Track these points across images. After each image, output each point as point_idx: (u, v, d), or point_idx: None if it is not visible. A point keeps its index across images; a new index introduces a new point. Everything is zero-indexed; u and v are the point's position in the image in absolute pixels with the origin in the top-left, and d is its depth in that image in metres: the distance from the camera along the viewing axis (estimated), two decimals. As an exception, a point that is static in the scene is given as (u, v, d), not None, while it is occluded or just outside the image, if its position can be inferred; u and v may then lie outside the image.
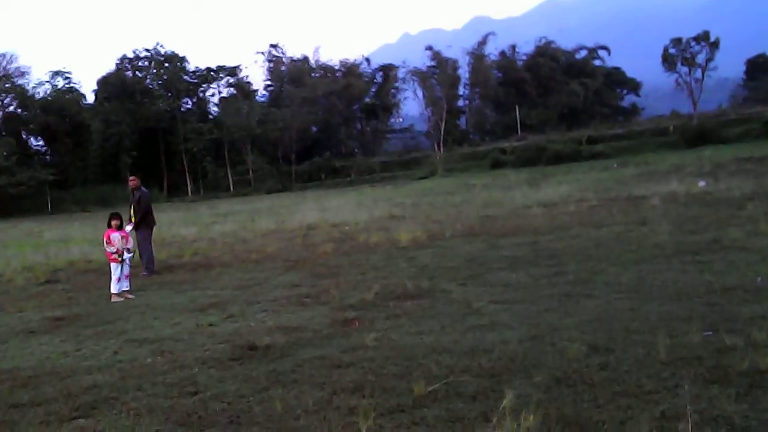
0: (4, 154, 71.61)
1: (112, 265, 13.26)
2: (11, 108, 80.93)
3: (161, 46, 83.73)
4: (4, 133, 77.48)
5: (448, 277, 11.92)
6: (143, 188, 17.03)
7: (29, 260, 21.20)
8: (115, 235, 13.39)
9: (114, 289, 13.11)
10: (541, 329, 7.78)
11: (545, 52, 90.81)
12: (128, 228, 15.54)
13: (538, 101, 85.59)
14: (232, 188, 76.97)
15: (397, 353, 7.30)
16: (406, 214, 25.73)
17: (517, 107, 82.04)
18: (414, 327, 8.45)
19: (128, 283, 13.40)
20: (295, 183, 74.13)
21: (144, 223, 16.44)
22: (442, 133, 71.82)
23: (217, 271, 15.66)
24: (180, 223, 31.70)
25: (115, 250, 13.23)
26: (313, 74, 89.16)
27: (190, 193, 77.16)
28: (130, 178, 17.02)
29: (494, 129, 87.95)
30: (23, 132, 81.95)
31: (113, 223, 13.51)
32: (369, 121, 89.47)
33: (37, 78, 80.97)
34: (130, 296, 13.12)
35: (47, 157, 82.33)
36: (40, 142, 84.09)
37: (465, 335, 7.84)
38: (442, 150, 71.15)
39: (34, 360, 8.65)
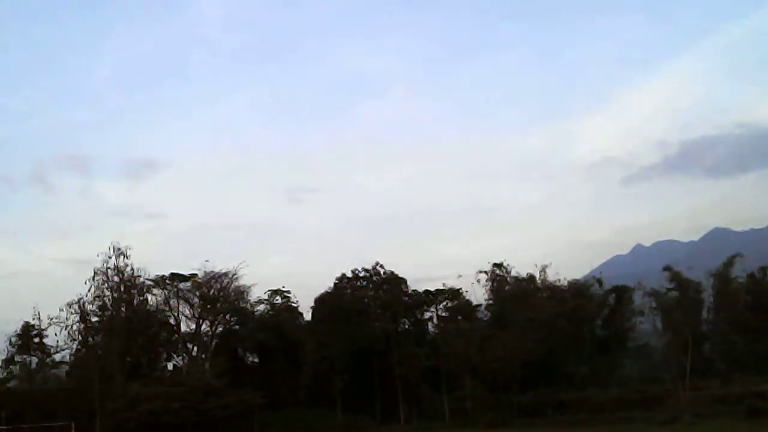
0: (218, 376, 71.18)
1: None
2: (230, 325, 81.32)
3: (381, 266, 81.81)
4: (220, 348, 77.96)
5: None
6: None
7: None
8: None
9: None
10: None
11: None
12: None
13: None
14: (448, 417, 71.90)
15: None
16: None
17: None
18: None
19: None
20: (518, 417, 68.21)
21: None
22: (688, 369, 63.33)
23: None
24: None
25: None
26: (539, 294, 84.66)
27: (402, 421, 72.71)
28: None
29: (742, 358, 78.29)
30: (239, 348, 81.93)
31: None
32: (601, 348, 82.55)
33: (257, 295, 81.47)
34: None
35: (259, 373, 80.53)
36: (255, 359, 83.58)
37: None
38: (686, 389, 62.62)
39: None
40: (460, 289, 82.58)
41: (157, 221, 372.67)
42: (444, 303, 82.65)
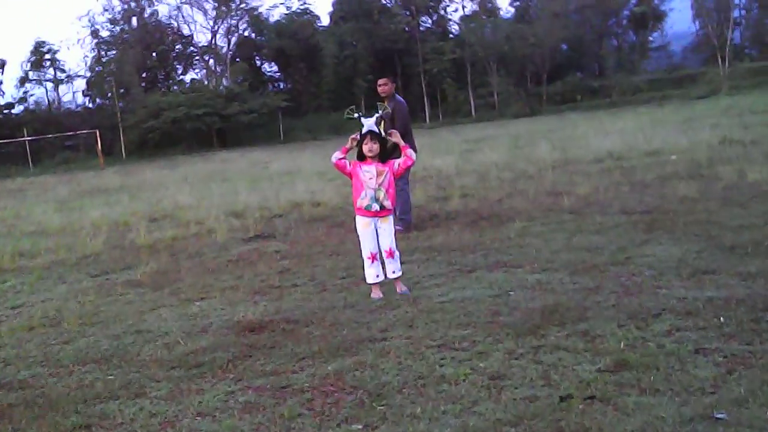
0: (238, 80, 69.65)
1: (360, 229, 6.97)
2: (246, 33, 78.11)
3: (401, -43, 77.76)
4: (237, 59, 75.34)
5: None
6: (398, 96, 10.87)
7: (244, 201, 16.01)
8: (369, 169, 6.83)
9: (369, 277, 6.89)
10: None
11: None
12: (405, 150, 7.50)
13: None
14: (474, 113, 70.56)
15: None
16: (745, 138, 17.83)
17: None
18: None
19: (397, 263, 6.95)
20: (546, 105, 66.95)
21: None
22: (728, 43, 60.89)
23: (518, 228, 9.44)
24: (428, 151, 25.00)
25: (365, 203, 6.78)
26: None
27: (428, 119, 71.31)
28: (380, 82, 10.73)
29: (774, 42, 75.83)
30: (257, 57, 79.45)
31: (366, 148, 6.82)
32: (629, 35, 79.97)
33: (272, 1, 77.32)
34: (403, 290, 6.86)
35: (280, 84, 79.30)
36: (274, 68, 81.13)
37: None
38: (727, 64, 60.43)
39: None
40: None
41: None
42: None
